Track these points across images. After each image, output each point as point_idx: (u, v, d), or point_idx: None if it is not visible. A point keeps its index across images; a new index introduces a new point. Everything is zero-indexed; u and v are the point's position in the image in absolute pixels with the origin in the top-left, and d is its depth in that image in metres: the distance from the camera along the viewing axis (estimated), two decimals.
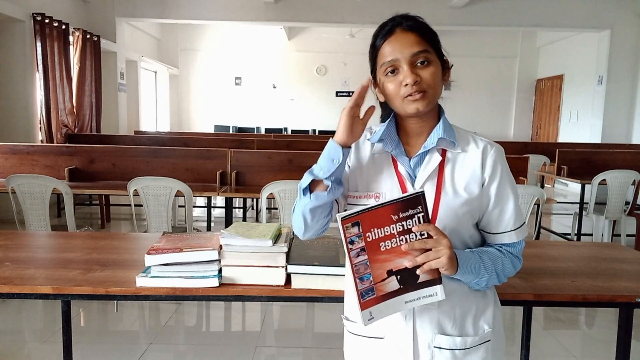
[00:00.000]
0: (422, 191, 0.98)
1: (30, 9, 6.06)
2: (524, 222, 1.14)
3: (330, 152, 1.07)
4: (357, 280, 0.98)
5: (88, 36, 7.21)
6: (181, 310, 3.35)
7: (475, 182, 1.09)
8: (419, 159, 1.10)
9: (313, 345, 2.95)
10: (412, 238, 0.97)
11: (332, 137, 1.08)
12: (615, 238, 5.05)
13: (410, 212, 0.97)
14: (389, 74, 1.06)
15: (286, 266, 1.42)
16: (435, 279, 1.00)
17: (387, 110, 1.18)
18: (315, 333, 3.17)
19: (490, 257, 1.09)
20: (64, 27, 6.56)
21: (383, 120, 1.21)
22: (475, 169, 1.09)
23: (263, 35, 11.35)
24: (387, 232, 0.97)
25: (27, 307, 3.34)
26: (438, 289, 1.00)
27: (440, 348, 1.08)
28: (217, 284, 1.40)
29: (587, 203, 4.71)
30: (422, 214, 0.97)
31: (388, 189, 1.11)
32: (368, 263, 0.98)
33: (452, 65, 1.13)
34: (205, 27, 11.23)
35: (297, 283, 1.43)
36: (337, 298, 1.40)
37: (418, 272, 0.98)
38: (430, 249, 0.97)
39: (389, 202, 0.97)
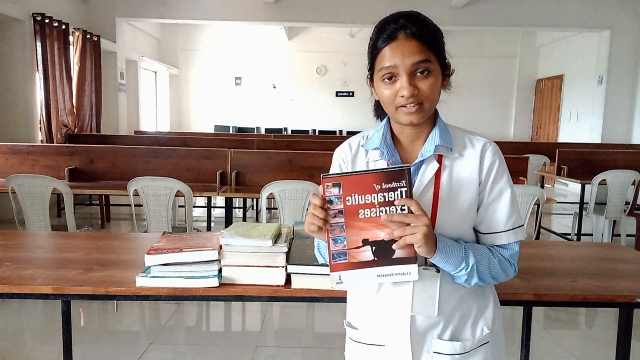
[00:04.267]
0: (409, 166, 0.98)
1: (30, 9, 6.05)
2: (521, 225, 1.09)
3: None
4: (331, 241, 0.99)
5: (88, 36, 7.21)
6: (181, 310, 3.35)
7: (473, 184, 1.06)
8: (416, 167, 1.08)
9: (313, 345, 2.95)
10: (393, 211, 0.97)
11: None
12: (615, 238, 5.05)
13: (394, 184, 0.97)
14: (386, 79, 1.03)
15: (286, 266, 1.42)
16: (411, 257, 0.98)
17: (382, 110, 1.17)
18: (315, 333, 3.17)
19: (476, 253, 1.03)
20: (64, 27, 6.56)
21: (376, 116, 1.19)
22: (472, 172, 1.06)
23: (263, 35, 11.35)
24: (368, 200, 0.97)
25: (27, 307, 3.34)
26: (412, 268, 0.99)
27: (439, 353, 1.07)
28: (217, 284, 1.40)
29: (587, 203, 4.70)
30: (406, 188, 0.97)
31: None
32: (344, 227, 0.98)
33: (454, 72, 1.09)
34: (205, 27, 11.23)
35: (297, 283, 1.43)
36: (337, 298, 1.40)
37: (394, 246, 0.97)
38: (409, 225, 0.96)
39: (373, 170, 0.98)
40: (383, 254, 0.99)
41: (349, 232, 0.98)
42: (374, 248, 0.99)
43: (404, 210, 0.97)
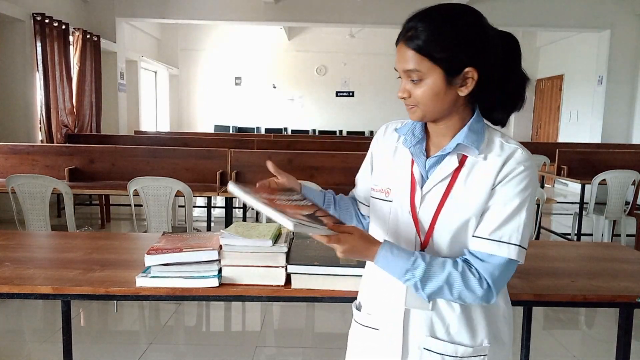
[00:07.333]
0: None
1: (30, 9, 6.05)
2: (518, 245, 0.99)
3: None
4: (274, 206, 1.01)
5: (88, 36, 7.21)
6: (181, 310, 3.35)
7: (486, 188, 1.01)
8: (437, 161, 1.06)
9: (313, 345, 2.95)
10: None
11: None
12: (615, 238, 5.05)
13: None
14: (399, 76, 1.06)
15: (286, 266, 1.42)
16: None
17: None
18: (315, 333, 3.17)
19: (429, 266, 0.99)
20: (64, 27, 6.56)
21: None
22: (490, 175, 1.01)
23: (263, 35, 11.35)
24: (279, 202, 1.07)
25: (27, 307, 3.34)
26: None
27: (430, 351, 1.06)
28: (217, 284, 1.40)
29: (587, 203, 4.70)
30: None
31: (399, 187, 1.10)
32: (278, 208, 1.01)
33: (474, 81, 0.99)
34: (205, 27, 11.23)
35: (297, 283, 1.43)
36: (337, 298, 1.40)
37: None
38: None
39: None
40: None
41: (284, 210, 1.02)
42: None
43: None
